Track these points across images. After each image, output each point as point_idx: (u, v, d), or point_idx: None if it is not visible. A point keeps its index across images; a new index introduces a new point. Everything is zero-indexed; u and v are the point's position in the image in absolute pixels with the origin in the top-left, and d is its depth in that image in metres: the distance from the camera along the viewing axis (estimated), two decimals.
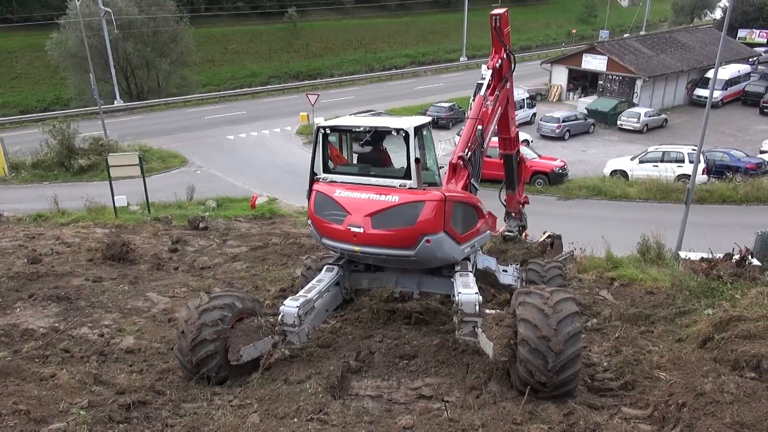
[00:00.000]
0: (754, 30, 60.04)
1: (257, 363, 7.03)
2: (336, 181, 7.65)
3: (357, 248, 7.24)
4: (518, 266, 9.72)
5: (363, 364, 7.34)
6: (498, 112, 10.00)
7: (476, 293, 6.95)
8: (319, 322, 7.94)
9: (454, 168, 8.49)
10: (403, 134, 7.14)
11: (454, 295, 7.21)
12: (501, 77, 10.20)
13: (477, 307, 6.82)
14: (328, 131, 7.60)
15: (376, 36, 73.12)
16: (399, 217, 6.97)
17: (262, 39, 67.92)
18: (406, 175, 7.21)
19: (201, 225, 16.93)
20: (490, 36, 10.35)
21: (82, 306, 9.92)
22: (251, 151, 35.32)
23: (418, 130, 7.39)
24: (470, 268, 7.93)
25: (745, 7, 60.49)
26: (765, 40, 59.00)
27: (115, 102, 47.02)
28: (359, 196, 7.25)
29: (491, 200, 9.65)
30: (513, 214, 12.66)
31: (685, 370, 6.37)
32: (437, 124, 36.65)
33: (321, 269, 8.44)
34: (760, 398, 5.16)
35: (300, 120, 40.53)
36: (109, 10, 43.90)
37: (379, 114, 30.20)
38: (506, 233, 10.49)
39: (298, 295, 7.51)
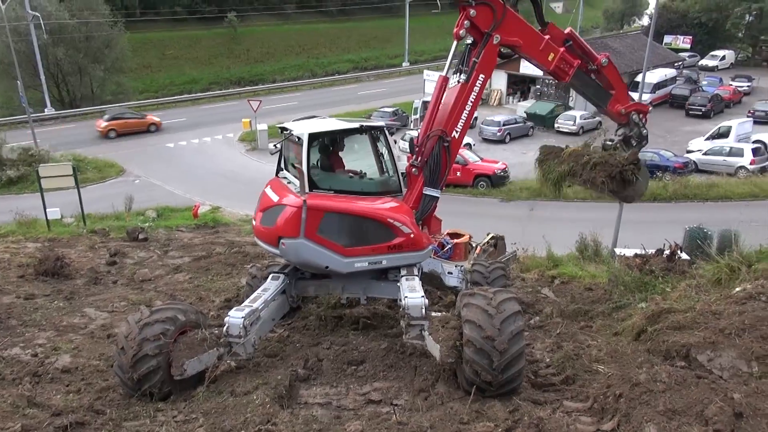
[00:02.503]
0: (679, 36, 63.34)
1: (202, 376, 6.87)
2: (284, 179, 8.18)
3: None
4: (462, 268, 9.90)
5: (311, 372, 7.30)
6: (475, 90, 8.21)
7: (422, 297, 7.03)
8: (265, 331, 7.84)
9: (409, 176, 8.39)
10: (300, 141, 7.49)
11: (400, 299, 7.27)
12: (481, 36, 8.10)
13: (423, 311, 6.90)
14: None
15: (317, 41, 72.88)
16: (271, 217, 7.54)
17: (201, 44, 66.54)
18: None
19: (140, 236, 16.40)
20: None
21: (14, 325, 9.43)
22: (192, 159, 34.54)
23: (315, 136, 7.75)
24: (416, 272, 8.01)
25: (669, 15, 63.74)
26: (689, 46, 62.34)
27: (46, 110, 44.99)
28: (267, 193, 7.93)
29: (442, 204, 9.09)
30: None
31: (621, 362, 6.66)
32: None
33: (266, 278, 8.34)
34: (690, 386, 5.44)
35: (242, 126, 39.92)
36: (37, 14, 42.01)
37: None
38: (606, 142, 8.96)
39: (243, 305, 7.39)
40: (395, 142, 8.62)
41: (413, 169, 8.19)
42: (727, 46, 64.75)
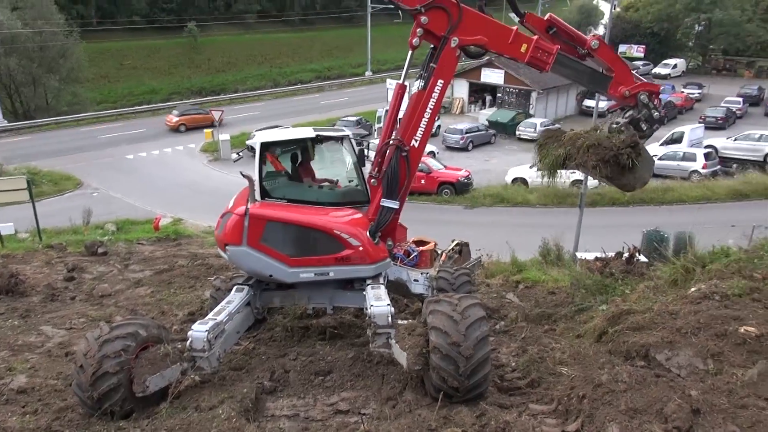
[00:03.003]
0: (633, 45, 65.37)
1: (165, 392, 6.72)
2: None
3: None
4: (428, 275, 9.95)
5: (278, 384, 7.23)
6: (434, 97, 7.85)
7: (388, 305, 7.04)
8: (230, 344, 7.73)
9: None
10: (252, 150, 7.72)
11: (366, 308, 7.28)
12: (438, 41, 7.73)
13: (389, 319, 6.92)
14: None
15: (280, 51, 72.60)
16: (222, 224, 7.68)
17: (160, 54, 65.51)
18: None
19: (99, 250, 15.97)
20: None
21: None
22: (153, 171, 33.89)
23: (267, 146, 7.89)
24: (382, 281, 8.03)
25: (623, 25, 65.73)
26: (642, 55, 64.36)
27: None
28: (232, 200, 8.08)
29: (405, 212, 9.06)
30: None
31: (584, 363, 6.78)
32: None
33: (231, 290, 8.23)
34: (650, 385, 5.59)
35: (204, 137, 39.40)
36: None
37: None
38: (612, 125, 8.18)
39: (207, 318, 7.27)
40: (366, 151, 8.48)
41: (372, 180, 8.01)
42: (678, 54, 67.13)
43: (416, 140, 7.90)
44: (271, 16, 76.18)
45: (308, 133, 8.34)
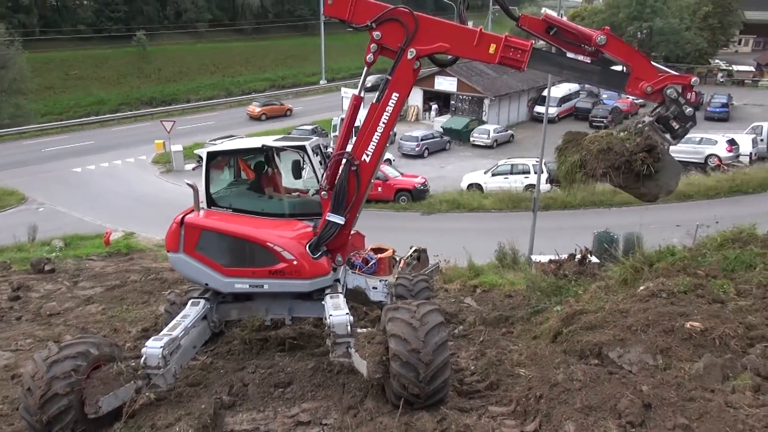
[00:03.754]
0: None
1: (120, 412, 6.52)
2: None
3: None
4: (387, 282, 9.99)
5: (237, 398, 7.11)
6: (388, 110, 7.41)
7: (347, 314, 7.04)
8: (186, 360, 7.56)
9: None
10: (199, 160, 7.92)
11: (325, 318, 7.25)
12: (395, 54, 7.26)
13: (348, 328, 6.92)
14: None
15: (233, 60, 71.68)
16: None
17: (108, 64, 63.67)
18: None
19: (46, 267, 15.39)
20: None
21: None
22: (102, 184, 32.90)
23: (213, 155, 8.04)
24: (340, 290, 8.01)
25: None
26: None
27: None
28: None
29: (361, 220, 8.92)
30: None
31: (541, 364, 6.93)
32: None
33: (186, 304, 8.07)
34: (603, 382, 5.75)
35: (155, 148, 38.50)
36: None
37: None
38: (637, 124, 7.19)
39: (161, 334, 7.11)
40: (325, 161, 8.36)
41: (323, 193, 7.60)
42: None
43: (367, 155, 7.48)
44: (223, 25, 75.21)
45: (255, 143, 8.30)
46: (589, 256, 12.18)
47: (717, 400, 5.19)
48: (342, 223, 7.53)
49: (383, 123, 7.42)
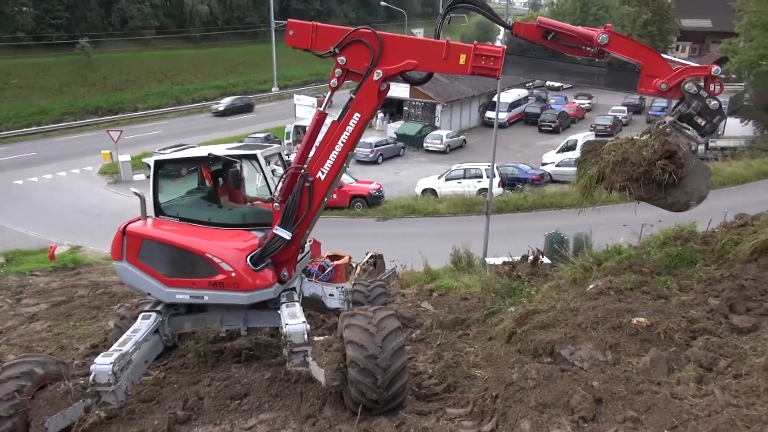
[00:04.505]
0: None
1: None
2: None
3: None
4: (343, 289, 9.98)
5: (191, 413, 6.96)
6: (348, 130, 7.19)
7: (303, 322, 7.01)
8: (138, 376, 7.36)
9: None
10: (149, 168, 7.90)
11: (282, 327, 7.19)
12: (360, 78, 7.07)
13: (305, 336, 6.89)
14: None
15: (182, 67, 70.24)
16: None
17: (50, 72, 61.32)
18: None
19: None
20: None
21: None
22: (46, 196, 31.68)
23: (161, 164, 8.00)
24: (296, 298, 7.96)
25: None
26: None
27: None
28: None
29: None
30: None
31: (496, 364, 7.05)
32: None
33: (137, 318, 7.87)
34: (556, 379, 5.89)
35: (102, 158, 37.34)
36: None
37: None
38: (658, 126, 6.61)
39: (111, 349, 6.91)
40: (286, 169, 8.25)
41: (275, 204, 7.40)
42: None
43: (323, 172, 7.29)
44: (171, 32, 73.58)
45: (203, 152, 8.18)
46: (541, 257, 12.46)
47: (663, 392, 5.39)
48: (288, 238, 7.34)
49: (342, 142, 7.22)
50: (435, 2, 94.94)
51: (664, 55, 6.72)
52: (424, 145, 41.76)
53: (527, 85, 58.03)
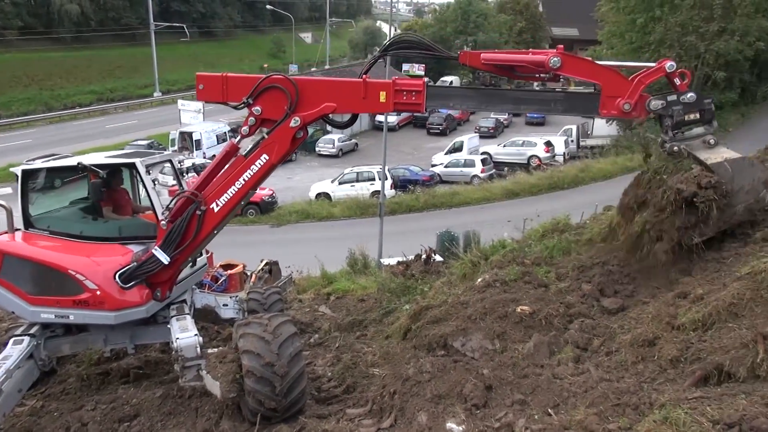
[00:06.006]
0: (414, 64, 71.10)
1: None
2: None
3: None
4: (238, 298, 9.76)
5: None
6: (253, 169, 6.80)
7: (196, 335, 6.78)
8: (10, 407, 6.73)
9: None
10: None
11: (172, 342, 6.90)
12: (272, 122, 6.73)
13: (198, 349, 6.66)
14: None
15: (51, 71, 64.85)
16: None
17: None
18: None
19: None
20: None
21: None
22: None
23: (29, 174, 7.48)
24: (187, 310, 7.66)
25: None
26: (423, 73, 70.31)
27: None
28: None
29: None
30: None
31: (393, 362, 7.21)
32: None
33: (7, 343, 7.20)
34: (449, 371, 6.13)
35: None
36: None
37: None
38: (664, 143, 6.02)
39: None
40: (186, 175, 7.93)
41: (162, 222, 6.98)
42: (453, 72, 74.68)
43: (218, 205, 6.90)
44: (37, 33, 67.74)
45: (73, 161, 7.64)
46: (433, 255, 12.93)
47: (546, 373, 5.78)
48: (166, 262, 6.92)
49: (244, 180, 6.83)
50: (322, 7, 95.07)
51: (619, 63, 6.37)
52: (317, 149, 41.72)
53: None
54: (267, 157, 6.72)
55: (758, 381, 4.36)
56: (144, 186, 7.52)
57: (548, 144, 37.04)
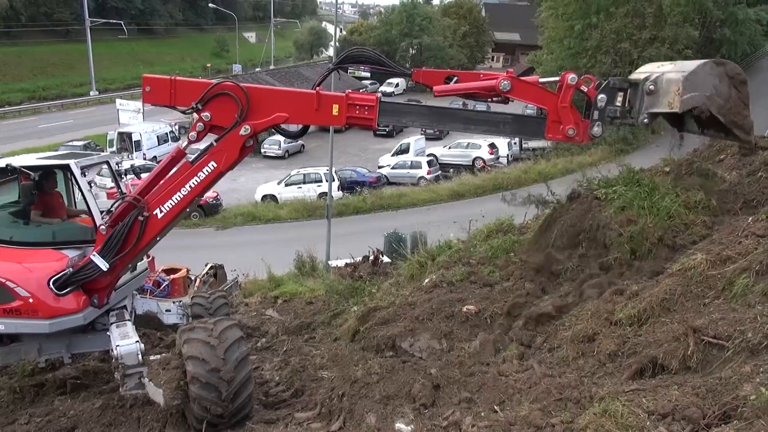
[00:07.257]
0: (360, 66, 71.24)
1: None
2: None
3: None
4: (182, 303, 9.52)
5: None
6: (200, 176, 6.60)
7: (136, 342, 6.58)
8: None
9: None
10: None
11: (112, 350, 6.66)
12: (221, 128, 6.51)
13: (139, 357, 6.47)
14: None
15: None
16: None
17: None
18: None
19: None
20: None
21: None
22: None
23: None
24: (127, 317, 7.43)
25: (349, 47, 71.10)
26: (369, 74, 70.57)
27: None
28: None
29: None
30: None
31: (342, 364, 7.18)
32: None
33: None
34: (398, 371, 6.18)
35: None
36: None
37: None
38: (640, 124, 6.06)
39: None
40: (124, 177, 7.57)
41: (102, 228, 6.72)
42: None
43: (161, 211, 6.65)
44: None
45: (1, 163, 7.27)
46: (381, 256, 12.97)
47: (492, 371, 5.91)
48: (104, 269, 6.66)
49: (190, 186, 6.62)
50: (266, 6, 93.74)
51: (547, 79, 6.44)
52: (262, 150, 41.09)
53: (360, 90, 59.79)
54: (215, 165, 6.55)
55: (689, 372, 4.60)
56: (80, 188, 7.20)
57: (492, 146, 37.82)
